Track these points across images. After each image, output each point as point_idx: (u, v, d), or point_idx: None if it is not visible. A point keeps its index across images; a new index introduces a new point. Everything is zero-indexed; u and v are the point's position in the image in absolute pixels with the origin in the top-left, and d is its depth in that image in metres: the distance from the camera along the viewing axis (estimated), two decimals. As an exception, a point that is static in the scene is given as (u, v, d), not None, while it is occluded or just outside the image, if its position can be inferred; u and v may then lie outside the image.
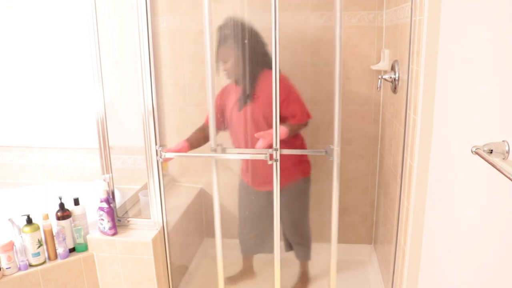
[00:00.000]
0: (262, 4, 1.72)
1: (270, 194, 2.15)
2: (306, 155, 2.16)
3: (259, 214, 2.26)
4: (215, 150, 1.89)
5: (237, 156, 2.15)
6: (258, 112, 1.98)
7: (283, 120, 1.90)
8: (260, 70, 1.98)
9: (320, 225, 2.37)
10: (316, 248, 2.33)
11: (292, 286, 2.34)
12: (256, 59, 1.97)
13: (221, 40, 1.94)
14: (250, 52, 1.96)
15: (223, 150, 1.93)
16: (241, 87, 2.03)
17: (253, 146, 1.94)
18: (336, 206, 1.84)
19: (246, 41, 1.95)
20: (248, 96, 1.99)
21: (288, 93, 1.93)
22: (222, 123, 2.07)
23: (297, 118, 1.96)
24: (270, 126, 1.92)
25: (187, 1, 2.37)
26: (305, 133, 2.11)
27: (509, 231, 0.90)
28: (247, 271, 2.43)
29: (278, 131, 1.76)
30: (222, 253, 2.03)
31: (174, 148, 1.97)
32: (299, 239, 2.29)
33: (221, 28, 1.94)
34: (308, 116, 1.99)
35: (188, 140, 2.01)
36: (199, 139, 2.03)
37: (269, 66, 1.73)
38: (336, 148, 1.73)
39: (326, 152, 1.78)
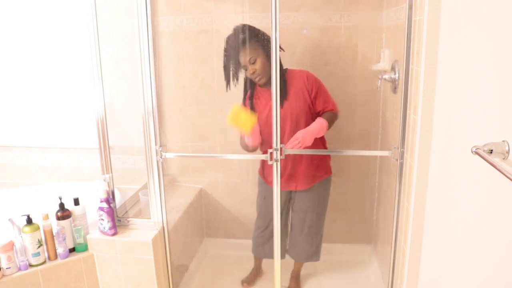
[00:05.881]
0: (262, 4, 1.72)
1: (291, 194, 2.17)
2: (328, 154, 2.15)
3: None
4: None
5: (237, 156, 2.15)
6: (294, 110, 1.95)
7: (319, 113, 1.97)
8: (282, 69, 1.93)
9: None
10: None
11: (286, 286, 2.33)
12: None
13: (240, 45, 1.87)
14: (267, 51, 1.83)
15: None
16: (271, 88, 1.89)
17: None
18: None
19: (258, 40, 1.87)
20: (284, 95, 1.92)
21: (320, 85, 1.97)
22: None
23: (335, 107, 1.99)
24: (307, 123, 1.95)
25: (187, 1, 2.37)
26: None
27: (509, 231, 0.90)
28: (257, 271, 2.42)
29: (278, 131, 1.76)
30: (225, 253, 1.95)
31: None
32: (311, 240, 2.20)
33: (231, 37, 1.89)
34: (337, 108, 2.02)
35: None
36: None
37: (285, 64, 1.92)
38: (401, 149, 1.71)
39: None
